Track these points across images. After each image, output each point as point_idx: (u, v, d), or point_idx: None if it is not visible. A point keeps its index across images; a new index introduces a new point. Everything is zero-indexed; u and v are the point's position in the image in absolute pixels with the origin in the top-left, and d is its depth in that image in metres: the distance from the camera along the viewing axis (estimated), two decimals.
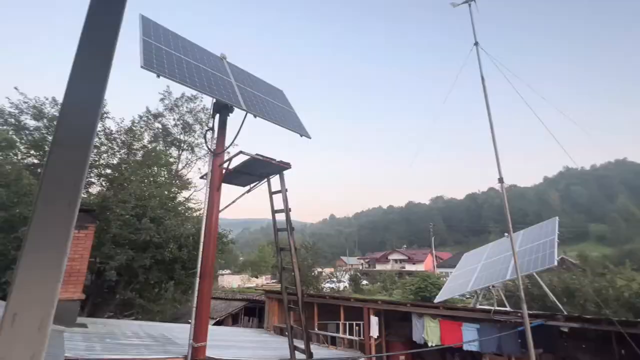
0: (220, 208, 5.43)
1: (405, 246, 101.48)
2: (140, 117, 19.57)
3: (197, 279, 4.85)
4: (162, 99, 20.26)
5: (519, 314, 8.39)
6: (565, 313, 9.52)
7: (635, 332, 7.51)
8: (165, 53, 4.79)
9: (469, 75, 9.05)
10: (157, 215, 12.20)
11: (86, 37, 0.79)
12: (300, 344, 5.64)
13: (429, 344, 10.40)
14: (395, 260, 73.16)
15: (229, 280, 52.57)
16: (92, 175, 13.61)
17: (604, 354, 9.36)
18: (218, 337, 10.52)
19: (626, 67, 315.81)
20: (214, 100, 5.31)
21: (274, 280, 53.53)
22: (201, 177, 6.71)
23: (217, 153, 5.38)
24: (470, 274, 12.35)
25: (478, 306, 11.62)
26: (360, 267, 71.90)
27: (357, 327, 12.09)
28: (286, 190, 5.73)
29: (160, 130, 20.29)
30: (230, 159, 5.48)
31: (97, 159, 13.56)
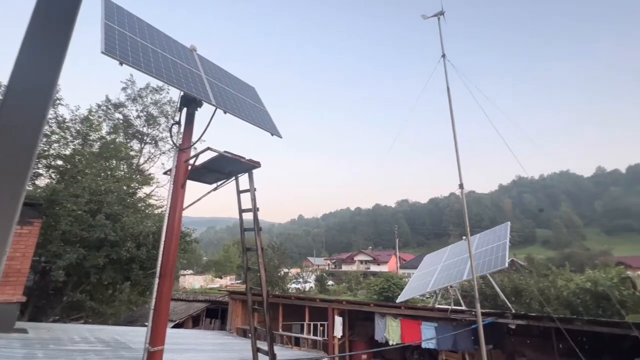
0: (185, 206, 5.21)
1: (371, 247, 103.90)
2: (99, 106, 18.28)
3: (157, 279, 4.61)
4: (124, 88, 19.09)
5: (473, 313, 8.92)
6: (514, 311, 10.27)
7: (571, 328, 8.29)
8: (130, 40, 4.51)
9: (438, 83, 9.49)
10: (113, 212, 11.44)
11: (40, 13, 0.72)
12: (263, 345, 5.56)
13: (390, 343, 10.73)
14: (361, 261, 74.62)
15: (191, 281, 50.60)
16: (39, 166, 12.46)
17: (545, 348, 10.23)
18: (177, 340, 10.08)
19: (571, 90, 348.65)
20: (182, 93, 5.09)
21: (238, 281, 52.39)
22: (165, 173, 6.38)
23: (183, 148, 5.16)
24: (431, 275, 12.92)
25: (437, 305, 12.19)
26: (327, 268, 72.50)
27: (321, 328, 12.17)
28: (255, 189, 5.63)
29: (121, 121, 19.08)
30: (197, 155, 5.28)
31: (46, 148, 12.44)
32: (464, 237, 11.85)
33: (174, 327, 16.47)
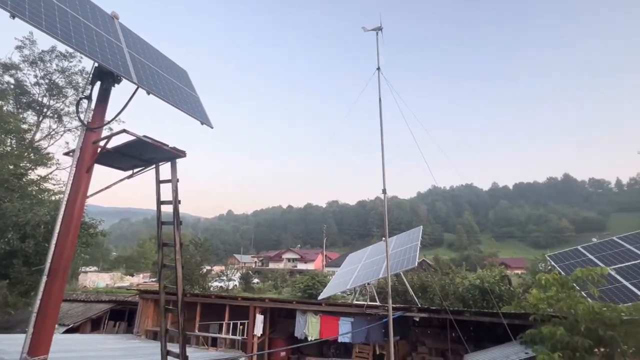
0: (90, 193, 4.57)
1: (299, 246, 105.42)
2: None
3: (45, 277, 3.94)
4: (19, 47, 15.83)
5: (386, 308, 9.74)
6: (419, 305, 11.54)
7: (461, 319, 9.70)
8: None
9: (374, 93, 10.13)
10: None
11: None
12: (175, 348, 5.19)
13: (309, 339, 11.05)
14: (289, 259, 75.14)
15: (94, 279, 44.40)
16: None
17: (441, 337, 11.74)
18: (69, 347, 8.76)
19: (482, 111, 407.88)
20: (96, 65, 4.46)
21: (153, 279, 47.83)
22: (66, 154, 5.53)
23: (92, 127, 4.51)
24: (352, 273, 13.72)
25: (355, 302, 12.98)
26: (254, 266, 71.14)
27: (241, 327, 11.89)
28: (177, 180, 5.23)
29: (12, 87, 15.77)
30: (109, 137, 4.67)
31: None
32: (383, 238, 12.87)
33: (66, 332, 14.24)
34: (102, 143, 4.66)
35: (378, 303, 12.03)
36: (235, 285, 37.94)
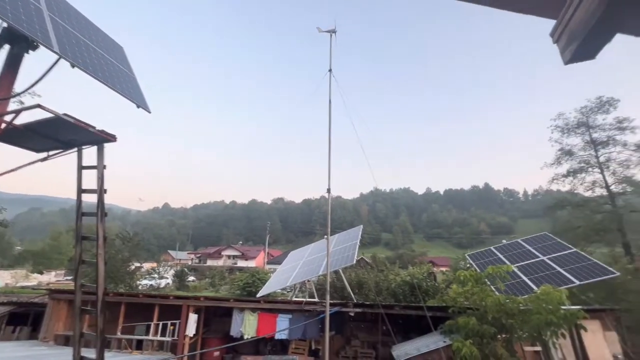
0: None
1: (241, 242, 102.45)
2: None
3: None
4: None
5: (324, 304, 10.01)
6: (355, 301, 12.08)
7: (392, 313, 10.41)
8: None
9: (325, 94, 10.28)
10: None
11: None
12: (91, 353, 4.67)
13: (246, 337, 10.84)
14: (229, 256, 72.56)
15: None
16: None
17: (373, 330, 12.46)
18: None
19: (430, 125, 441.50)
20: (5, 25, 3.79)
21: (69, 277, 42.22)
22: None
23: None
24: (293, 270, 13.80)
25: (294, 298, 13.08)
26: (190, 263, 67.21)
27: (172, 327, 11.17)
28: (104, 167, 4.71)
29: None
30: (18, 112, 4.00)
31: None
32: (325, 236, 13.17)
33: None
34: (8, 118, 3.98)
35: (317, 299, 12.30)
36: (168, 283, 35.40)
